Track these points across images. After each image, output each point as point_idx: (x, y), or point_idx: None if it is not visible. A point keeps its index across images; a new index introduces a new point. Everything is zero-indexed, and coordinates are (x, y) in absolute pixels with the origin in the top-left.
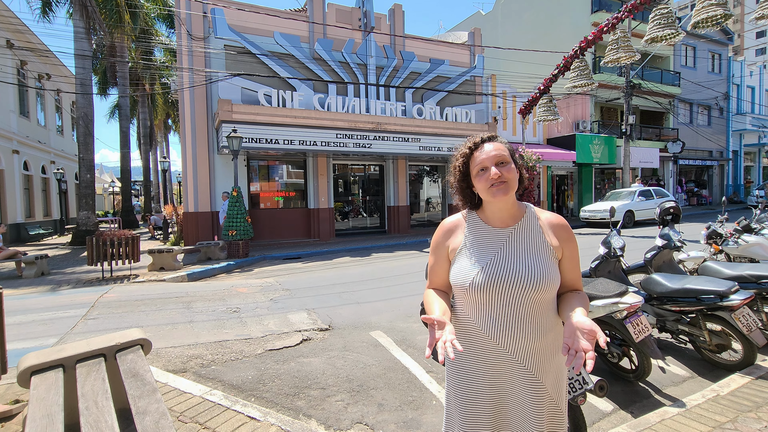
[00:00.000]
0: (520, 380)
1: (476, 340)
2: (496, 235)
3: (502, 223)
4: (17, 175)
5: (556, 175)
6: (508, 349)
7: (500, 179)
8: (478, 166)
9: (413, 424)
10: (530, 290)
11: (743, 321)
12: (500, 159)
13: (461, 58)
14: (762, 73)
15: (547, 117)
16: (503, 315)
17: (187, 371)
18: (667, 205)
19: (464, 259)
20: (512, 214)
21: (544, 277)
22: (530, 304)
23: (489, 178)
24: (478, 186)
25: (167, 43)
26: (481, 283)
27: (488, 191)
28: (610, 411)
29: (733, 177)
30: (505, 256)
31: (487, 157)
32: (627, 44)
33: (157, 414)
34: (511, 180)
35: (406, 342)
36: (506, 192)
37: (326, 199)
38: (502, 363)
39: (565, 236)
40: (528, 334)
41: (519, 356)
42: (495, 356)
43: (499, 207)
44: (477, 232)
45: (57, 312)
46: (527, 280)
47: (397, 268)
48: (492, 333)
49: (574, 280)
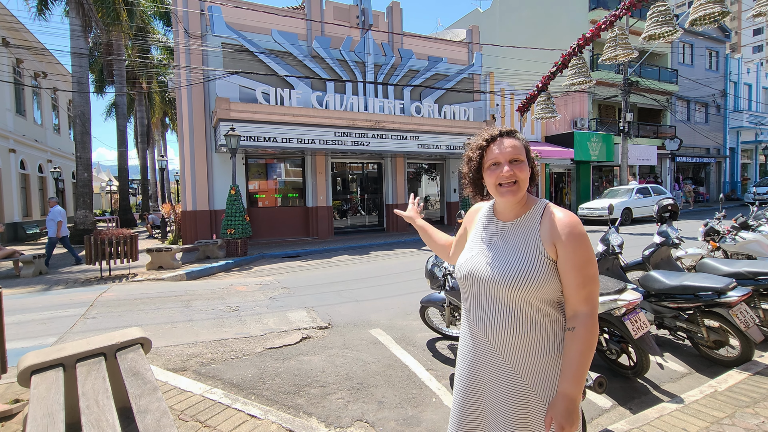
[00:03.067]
0: (497, 371)
1: (467, 323)
2: (497, 228)
3: (506, 216)
4: (14, 174)
5: (554, 172)
6: (488, 338)
7: (511, 178)
8: (491, 160)
9: (413, 421)
10: (503, 286)
11: (741, 317)
12: (514, 157)
13: (459, 56)
14: (759, 71)
15: (545, 115)
16: (485, 305)
17: (187, 370)
18: (665, 202)
19: (466, 246)
20: (519, 210)
21: (516, 275)
22: (510, 300)
23: (500, 176)
24: (488, 180)
25: (164, 41)
26: (460, 271)
27: (497, 189)
28: (608, 407)
29: (731, 174)
30: (492, 249)
31: (501, 153)
32: (625, 41)
33: (158, 412)
34: (522, 180)
35: (405, 340)
36: (515, 193)
37: (325, 197)
38: (483, 350)
39: (564, 237)
40: (505, 327)
41: (497, 348)
42: (479, 342)
43: (504, 203)
44: (485, 222)
45: (56, 311)
46: (502, 277)
47: (396, 266)
48: (475, 319)
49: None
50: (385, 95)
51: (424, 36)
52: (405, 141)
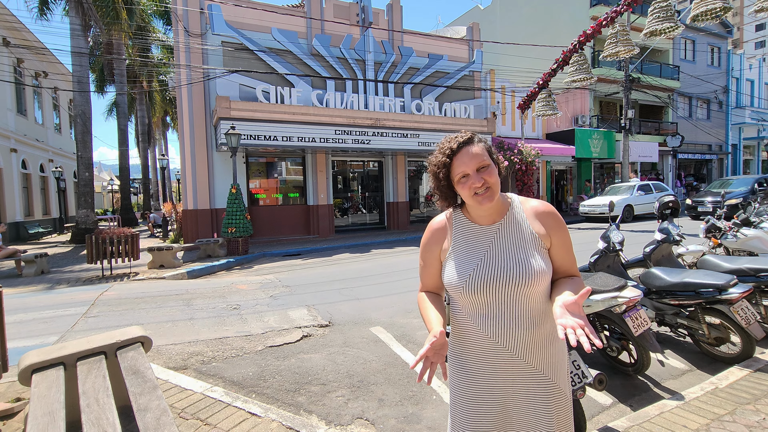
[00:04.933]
0: (522, 376)
1: (474, 338)
2: (484, 233)
3: (489, 220)
4: (16, 174)
5: (555, 169)
6: (506, 346)
7: (484, 186)
8: (459, 173)
9: (413, 419)
10: (523, 286)
11: (742, 314)
12: (480, 164)
13: (460, 53)
14: (761, 66)
15: (546, 112)
16: (499, 313)
17: (187, 368)
18: (666, 199)
19: (455, 261)
20: (497, 210)
21: (534, 271)
22: (524, 299)
23: (472, 186)
24: (462, 193)
25: (164, 39)
26: (473, 285)
27: (473, 199)
28: (609, 404)
29: (732, 171)
30: (495, 254)
31: (466, 164)
32: (626, 38)
33: (159, 411)
34: (494, 184)
35: (406, 337)
36: (491, 198)
37: (325, 195)
38: (501, 360)
39: (552, 224)
40: (524, 328)
41: (518, 352)
42: (494, 354)
43: (485, 209)
44: (465, 231)
45: (57, 310)
46: (519, 277)
47: (396, 264)
48: (489, 331)
49: (568, 266)
50: (386, 93)
51: (425, 33)
52: (405, 139)
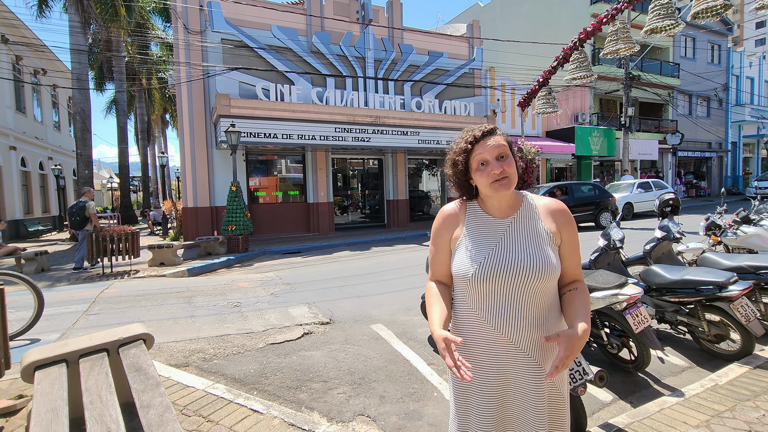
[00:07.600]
0: (523, 369)
1: (478, 330)
2: (497, 225)
3: (502, 213)
4: (15, 172)
5: (555, 167)
6: (511, 339)
7: (503, 174)
8: (479, 160)
9: (415, 416)
10: (533, 279)
11: (742, 311)
12: (501, 153)
13: (460, 51)
14: (761, 64)
15: (546, 109)
16: (506, 305)
17: (189, 365)
18: (666, 197)
19: (466, 250)
20: (511, 204)
21: (545, 266)
22: (532, 293)
23: (491, 173)
24: (479, 180)
25: (164, 37)
26: (483, 274)
27: (491, 186)
28: (609, 401)
29: (732, 168)
30: (506, 246)
31: (488, 151)
32: (626, 35)
33: (161, 407)
34: (512, 174)
35: (406, 335)
36: (508, 187)
37: (325, 193)
38: (505, 352)
39: (564, 221)
40: (530, 322)
41: (523, 345)
42: (498, 346)
43: (499, 199)
44: (477, 221)
45: (58, 308)
46: (529, 270)
47: (397, 262)
48: (495, 323)
49: (573, 267)
50: (386, 91)
51: (425, 31)
52: (405, 136)
